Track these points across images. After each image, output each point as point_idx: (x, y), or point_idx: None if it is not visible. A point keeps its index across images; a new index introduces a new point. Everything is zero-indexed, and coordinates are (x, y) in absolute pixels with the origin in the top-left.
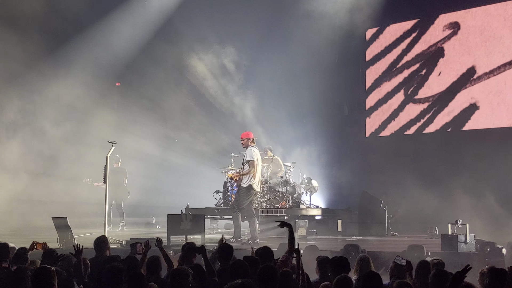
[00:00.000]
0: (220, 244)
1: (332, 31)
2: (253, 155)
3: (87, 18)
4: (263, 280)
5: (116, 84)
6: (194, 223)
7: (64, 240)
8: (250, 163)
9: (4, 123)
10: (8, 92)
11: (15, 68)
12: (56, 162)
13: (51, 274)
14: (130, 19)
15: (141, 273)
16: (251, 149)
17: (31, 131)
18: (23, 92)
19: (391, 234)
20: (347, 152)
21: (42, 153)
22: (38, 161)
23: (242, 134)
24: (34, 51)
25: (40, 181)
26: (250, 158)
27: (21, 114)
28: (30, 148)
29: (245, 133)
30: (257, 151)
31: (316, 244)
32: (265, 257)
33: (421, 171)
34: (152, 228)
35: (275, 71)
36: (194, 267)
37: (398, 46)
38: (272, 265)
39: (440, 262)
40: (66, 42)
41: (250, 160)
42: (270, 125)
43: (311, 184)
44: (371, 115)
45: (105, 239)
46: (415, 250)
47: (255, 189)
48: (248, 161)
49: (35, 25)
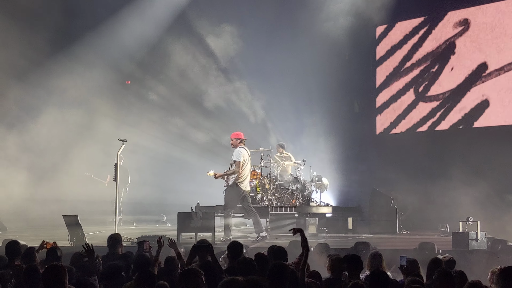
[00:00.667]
0: (230, 242)
1: (342, 28)
2: (240, 155)
3: (97, 15)
4: (273, 277)
5: (126, 82)
6: (204, 221)
7: (75, 237)
8: (236, 164)
9: (14, 120)
10: (17, 89)
11: (25, 65)
12: (66, 160)
13: (61, 271)
14: (140, 16)
15: (152, 272)
16: (238, 150)
17: (41, 128)
18: (32, 89)
19: (402, 232)
20: (358, 149)
21: (52, 150)
22: (48, 158)
23: (232, 134)
24: (44, 48)
25: (50, 179)
26: (236, 158)
27: (31, 110)
28: (40, 145)
29: (235, 133)
30: (245, 151)
31: (327, 242)
32: (279, 257)
33: (431, 168)
34: (162, 225)
35: (285, 68)
36: (204, 264)
37: (408, 43)
38: (283, 263)
39: (451, 260)
40: (77, 39)
41: (236, 160)
42: (280, 122)
43: (322, 182)
44: (382, 113)
45: (118, 236)
46: (426, 247)
47: (242, 188)
48: (234, 161)
49: (45, 22)
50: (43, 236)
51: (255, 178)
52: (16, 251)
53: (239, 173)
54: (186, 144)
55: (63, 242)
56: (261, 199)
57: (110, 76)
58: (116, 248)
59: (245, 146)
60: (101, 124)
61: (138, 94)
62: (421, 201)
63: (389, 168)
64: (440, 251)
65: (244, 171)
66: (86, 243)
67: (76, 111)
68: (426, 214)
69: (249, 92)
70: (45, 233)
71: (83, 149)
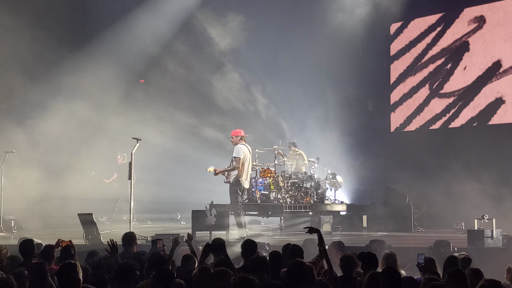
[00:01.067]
0: (244, 240)
1: (356, 26)
2: (240, 152)
3: (112, 15)
4: (291, 274)
5: (140, 81)
6: (218, 219)
7: (90, 236)
8: (236, 160)
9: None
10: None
11: (37, 63)
12: (80, 158)
13: (76, 269)
14: (154, 15)
15: (169, 270)
16: (239, 146)
17: (53, 127)
18: (43, 87)
19: (417, 230)
20: (372, 147)
21: (65, 148)
22: (62, 156)
23: (232, 131)
24: (57, 46)
25: (64, 177)
26: (236, 155)
27: (43, 109)
28: (53, 143)
29: (235, 131)
30: (245, 148)
31: (341, 240)
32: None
33: (446, 166)
34: (176, 224)
35: (298, 66)
36: (218, 263)
37: (423, 40)
38: (301, 261)
39: (466, 258)
40: (91, 39)
41: (236, 157)
42: (294, 120)
43: (336, 180)
44: (396, 110)
45: (133, 235)
46: (441, 245)
47: (243, 185)
48: (234, 157)
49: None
50: (59, 234)
51: (269, 176)
52: (30, 250)
53: (240, 169)
54: (199, 141)
55: (78, 241)
56: (275, 197)
57: (123, 74)
58: (131, 246)
59: (246, 143)
60: (113, 122)
61: (150, 92)
62: (436, 199)
63: (404, 165)
64: (456, 249)
65: (244, 167)
66: (111, 240)
67: (89, 109)
68: (441, 211)
69: (261, 89)
70: (61, 232)
71: (96, 147)
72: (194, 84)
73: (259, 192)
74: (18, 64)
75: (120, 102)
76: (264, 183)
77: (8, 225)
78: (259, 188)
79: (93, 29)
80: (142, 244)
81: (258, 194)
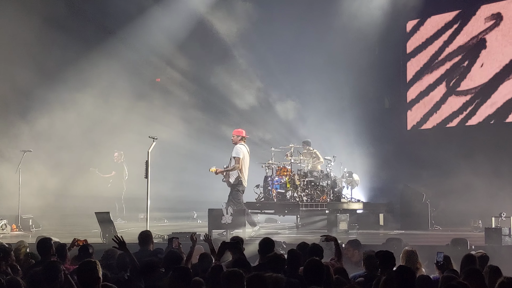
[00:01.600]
0: (262, 239)
1: (372, 23)
2: (239, 152)
3: (128, 14)
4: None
5: (156, 80)
6: (235, 217)
7: (107, 234)
8: (236, 160)
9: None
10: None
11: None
12: (97, 157)
13: (96, 267)
14: (169, 14)
15: (187, 268)
16: (238, 146)
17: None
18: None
19: (434, 228)
20: (389, 145)
21: (81, 147)
22: (79, 156)
23: (234, 131)
24: (74, 46)
25: (82, 176)
26: (235, 154)
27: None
28: (69, 142)
29: (236, 130)
30: (244, 148)
31: (358, 238)
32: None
33: (463, 164)
34: (193, 222)
35: (314, 64)
36: (236, 261)
37: (440, 38)
38: (317, 259)
39: (484, 256)
40: (107, 38)
41: (235, 156)
42: (310, 118)
43: (352, 178)
44: (412, 108)
45: (149, 233)
46: (458, 243)
47: (244, 184)
48: (233, 157)
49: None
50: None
51: (285, 175)
52: (48, 248)
53: (240, 169)
54: (215, 139)
55: (95, 239)
56: (292, 195)
57: (139, 72)
58: (147, 245)
59: (246, 143)
60: (129, 121)
61: (166, 90)
62: (453, 197)
63: (420, 163)
64: (473, 247)
65: (244, 168)
66: (116, 236)
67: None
68: (458, 209)
69: (277, 88)
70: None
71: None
72: (209, 82)
73: (275, 190)
74: (33, 62)
75: (136, 100)
76: (280, 181)
77: (26, 224)
78: (275, 187)
79: (108, 27)
80: (158, 243)
81: (274, 192)
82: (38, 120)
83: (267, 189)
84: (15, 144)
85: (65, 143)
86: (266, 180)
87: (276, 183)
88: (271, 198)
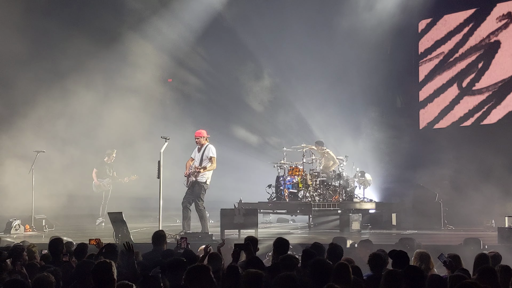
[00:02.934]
0: (276, 239)
1: (385, 22)
2: (215, 151)
3: (139, 14)
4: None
5: (168, 80)
6: (247, 217)
7: (120, 234)
8: (212, 159)
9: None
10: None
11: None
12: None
13: (111, 268)
14: (182, 15)
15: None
16: (211, 146)
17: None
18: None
19: (447, 227)
20: (401, 144)
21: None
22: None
23: (197, 132)
24: (86, 47)
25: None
26: (212, 154)
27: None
28: (80, 143)
29: (199, 132)
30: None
31: (371, 238)
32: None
33: (476, 163)
34: None
35: (326, 64)
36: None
37: (453, 37)
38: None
39: (496, 255)
40: (118, 38)
41: (212, 156)
42: (323, 118)
43: (365, 178)
44: (425, 107)
45: (163, 233)
46: (471, 243)
47: (208, 184)
48: (210, 157)
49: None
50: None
51: (297, 175)
52: (59, 248)
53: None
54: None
55: (109, 239)
56: (304, 195)
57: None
58: (161, 244)
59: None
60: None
61: (179, 91)
62: (466, 196)
63: (433, 163)
64: (486, 246)
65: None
66: (126, 242)
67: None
68: (471, 209)
69: (289, 88)
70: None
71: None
72: (222, 83)
73: (288, 190)
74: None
75: (148, 101)
76: (292, 181)
77: (39, 224)
78: (288, 186)
79: (120, 28)
80: (171, 243)
81: (287, 192)
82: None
83: (279, 189)
84: (28, 144)
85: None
86: (278, 180)
87: (288, 183)
88: (283, 198)
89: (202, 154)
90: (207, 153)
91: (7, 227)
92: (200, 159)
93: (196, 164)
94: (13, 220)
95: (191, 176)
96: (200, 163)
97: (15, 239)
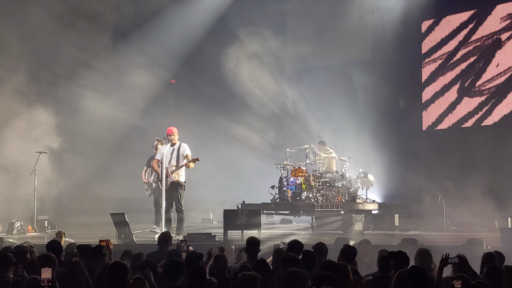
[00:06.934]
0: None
1: (387, 24)
2: (189, 150)
3: (143, 15)
4: None
5: (171, 81)
6: (250, 218)
7: (122, 235)
8: (189, 157)
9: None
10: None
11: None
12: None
13: (125, 269)
14: (184, 15)
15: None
16: (185, 144)
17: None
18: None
19: (449, 228)
20: (404, 145)
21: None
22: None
23: (170, 129)
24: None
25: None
26: (188, 152)
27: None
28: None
29: (171, 129)
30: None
31: (373, 238)
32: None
33: (479, 164)
34: (208, 223)
35: (329, 64)
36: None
37: (455, 38)
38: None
39: (500, 255)
40: (122, 39)
41: (188, 154)
42: (325, 119)
43: (367, 179)
44: (427, 108)
45: (169, 235)
46: (474, 244)
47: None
48: (187, 155)
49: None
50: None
51: (300, 176)
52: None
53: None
54: (232, 142)
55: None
56: (307, 196)
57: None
58: (166, 246)
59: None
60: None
61: (182, 92)
62: (469, 197)
63: (436, 164)
64: (489, 247)
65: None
66: None
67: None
68: (474, 210)
69: (292, 89)
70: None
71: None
72: (225, 83)
73: (291, 191)
74: (50, 63)
75: (150, 102)
76: (295, 182)
77: (42, 225)
78: (291, 187)
79: (124, 28)
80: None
81: (290, 193)
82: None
83: (282, 190)
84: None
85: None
86: (281, 181)
87: (291, 183)
88: (286, 199)
89: (178, 153)
90: (182, 151)
91: (10, 228)
92: (176, 157)
93: (173, 162)
94: (15, 221)
95: (169, 176)
96: (177, 162)
97: (18, 240)
